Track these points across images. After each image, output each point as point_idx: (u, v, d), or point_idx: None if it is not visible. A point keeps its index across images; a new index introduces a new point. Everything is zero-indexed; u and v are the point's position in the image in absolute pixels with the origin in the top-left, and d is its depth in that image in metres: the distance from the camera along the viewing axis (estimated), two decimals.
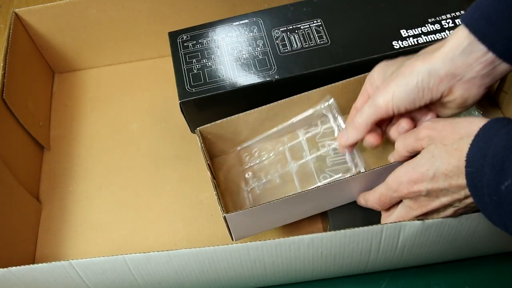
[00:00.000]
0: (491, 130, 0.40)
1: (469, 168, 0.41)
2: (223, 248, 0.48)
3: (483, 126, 0.41)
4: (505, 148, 0.38)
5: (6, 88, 0.65)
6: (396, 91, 0.47)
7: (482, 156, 0.39)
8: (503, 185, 0.38)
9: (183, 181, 0.68)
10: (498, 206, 0.39)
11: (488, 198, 0.40)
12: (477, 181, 0.40)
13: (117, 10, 0.73)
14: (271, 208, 0.52)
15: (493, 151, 0.39)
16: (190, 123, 0.65)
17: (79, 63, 0.80)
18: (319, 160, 0.62)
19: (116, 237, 0.65)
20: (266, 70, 0.61)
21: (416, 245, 0.51)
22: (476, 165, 0.40)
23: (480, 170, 0.40)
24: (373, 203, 0.51)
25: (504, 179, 0.38)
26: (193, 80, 0.62)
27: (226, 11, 0.74)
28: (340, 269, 0.54)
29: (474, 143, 0.41)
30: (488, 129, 0.41)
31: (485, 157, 0.39)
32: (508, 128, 0.39)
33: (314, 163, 0.60)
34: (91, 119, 0.76)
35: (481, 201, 0.41)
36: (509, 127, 0.39)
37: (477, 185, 0.40)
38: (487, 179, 0.39)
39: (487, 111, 0.64)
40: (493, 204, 0.39)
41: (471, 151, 0.41)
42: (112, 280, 0.52)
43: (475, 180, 0.40)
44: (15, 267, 0.49)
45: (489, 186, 0.39)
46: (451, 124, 0.44)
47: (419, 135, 0.46)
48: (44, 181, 0.71)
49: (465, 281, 0.57)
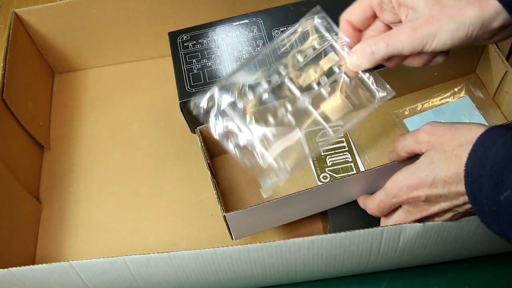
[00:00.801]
0: (489, 140, 0.40)
1: (468, 178, 0.41)
2: (223, 249, 0.48)
3: (480, 135, 0.41)
4: (503, 159, 0.38)
5: (6, 88, 0.65)
6: (441, 37, 0.42)
7: (481, 167, 0.39)
8: (502, 196, 0.38)
9: (183, 181, 0.68)
10: (497, 216, 0.39)
11: (487, 208, 0.40)
12: (476, 191, 0.40)
13: (117, 10, 0.73)
14: (271, 207, 0.53)
15: (491, 161, 0.39)
16: (190, 123, 0.65)
17: (79, 63, 0.80)
18: (319, 159, 0.62)
19: (116, 237, 0.65)
20: (266, 70, 0.61)
21: (416, 247, 0.51)
22: (475, 176, 0.40)
23: (479, 180, 0.40)
24: (372, 209, 0.51)
25: (503, 189, 0.38)
26: (193, 80, 0.62)
27: (226, 11, 0.74)
28: (340, 270, 0.54)
29: (473, 153, 0.41)
30: (485, 138, 0.41)
31: (484, 168, 0.39)
32: (505, 138, 0.39)
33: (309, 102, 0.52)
34: (91, 119, 0.76)
35: (480, 210, 0.41)
36: (506, 136, 0.39)
37: (476, 195, 0.40)
38: (486, 189, 0.39)
39: (487, 111, 0.64)
40: (492, 213, 0.39)
41: (469, 161, 0.41)
42: (112, 281, 0.52)
43: (474, 190, 0.40)
44: (15, 268, 0.49)
45: (488, 196, 0.39)
46: (450, 130, 0.44)
47: (419, 138, 0.46)
48: (44, 181, 0.71)
49: (465, 281, 0.58)
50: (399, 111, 0.66)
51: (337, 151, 0.63)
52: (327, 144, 0.60)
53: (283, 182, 0.49)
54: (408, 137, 0.48)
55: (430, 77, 0.65)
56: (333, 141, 0.60)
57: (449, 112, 0.65)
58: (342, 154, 0.63)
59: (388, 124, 0.65)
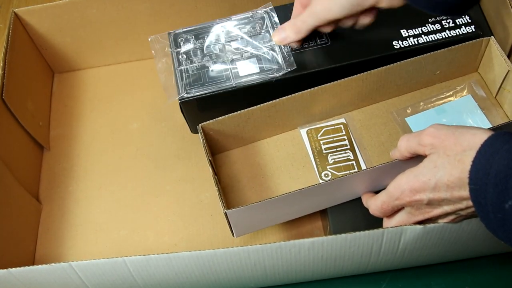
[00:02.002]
0: (492, 147, 0.40)
1: (472, 186, 0.41)
2: (223, 251, 0.48)
3: (484, 142, 0.41)
4: (507, 167, 0.38)
5: (6, 88, 0.65)
6: (333, 5, 0.55)
7: (485, 174, 0.40)
8: (507, 204, 0.38)
9: (183, 181, 0.68)
10: (502, 223, 0.39)
11: (492, 215, 0.40)
12: (481, 198, 0.40)
13: (117, 10, 0.73)
14: (272, 205, 0.53)
15: (495, 169, 0.39)
16: (190, 123, 0.65)
17: (79, 63, 0.80)
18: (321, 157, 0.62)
19: (116, 237, 0.65)
20: (266, 70, 0.61)
21: (417, 248, 0.51)
22: (480, 183, 0.40)
23: (484, 188, 0.40)
24: (374, 210, 0.51)
25: (508, 198, 0.38)
26: (193, 80, 0.61)
27: (226, 10, 0.74)
28: (340, 271, 0.54)
29: (476, 160, 0.41)
30: (489, 146, 0.41)
31: (488, 176, 0.39)
32: (509, 145, 0.39)
33: None
34: (91, 119, 0.76)
35: (485, 216, 0.41)
36: (510, 144, 0.39)
37: (481, 202, 0.40)
38: (491, 197, 0.39)
39: (489, 110, 0.64)
40: (497, 221, 0.40)
41: (473, 168, 0.41)
42: (112, 282, 0.52)
43: (478, 197, 0.40)
44: (15, 268, 0.49)
45: (493, 204, 0.39)
46: (454, 134, 0.44)
47: (422, 141, 0.46)
48: (44, 181, 0.71)
49: (466, 281, 0.58)
50: (401, 109, 0.65)
51: (338, 149, 0.63)
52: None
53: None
54: (412, 138, 0.48)
55: (432, 76, 0.65)
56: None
57: (451, 111, 0.65)
58: (344, 152, 0.63)
59: (390, 123, 0.65)
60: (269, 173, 0.63)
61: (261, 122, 0.62)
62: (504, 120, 0.63)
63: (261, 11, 0.66)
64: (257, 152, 0.65)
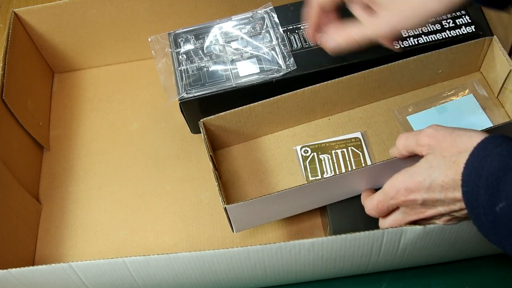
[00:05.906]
0: (485, 150, 0.41)
1: (465, 188, 0.41)
2: (223, 251, 0.48)
3: (477, 145, 0.41)
4: (498, 170, 0.39)
5: (6, 88, 0.65)
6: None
7: (477, 177, 0.40)
8: (498, 207, 0.39)
9: (183, 181, 0.68)
10: (493, 226, 0.40)
11: (484, 217, 0.40)
12: (473, 200, 0.41)
13: (117, 10, 0.73)
14: (272, 200, 0.53)
15: (487, 172, 0.39)
16: (190, 123, 0.65)
17: (79, 63, 0.80)
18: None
19: (116, 237, 0.65)
20: (266, 70, 0.61)
21: (417, 248, 0.51)
22: (472, 186, 0.40)
23: (476, 190, 0.40)
24: (370, 209, 0.51)
25: (499, 200, 0.39)
26: (193, 81, 0.61)
27: (226, 11, 0.74)
28: (340, 271, 0.54)
29: (469, 163, 0.41)
30: (482, 148, 0.41)
31: (480, 178, 0.40)
32: (501, 149, 0.40)
33: None
34: (91, 119, 0.76)
35: (477, 218, 0.41)
36: (502, 147, 0.40)
37: (473, 204, 0.41)
38: (482, 199, 0.40)
39: (491, 109, 0.64)
40: (488, 223, 0.40)
41: (466, 170, 0.41)
42: (112, 282, 0.52)
43: (471, 199, 0.41)
44: (15, 269, 0.49)
45: (484, 206, 0.40)
46: (451, 135, 0.44)
47: (420, 141, 0.46)
48: (44, 181, 0.71)
49: (466, 281, 0.57)
50: (403, 108, 0.65)
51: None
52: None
53: None
54: (411, 137, 0.48)
55: (434, 75, 0.65)
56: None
57: (453, 110, 0.65)
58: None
59: (391, 121, 0.65)
60: (269, 169, 0.63)
61: (263, 118, 0.63)
62: (506, 119, 0.64)
63: (261, 11, 0.66)
64: (258, 148, 0.65)
